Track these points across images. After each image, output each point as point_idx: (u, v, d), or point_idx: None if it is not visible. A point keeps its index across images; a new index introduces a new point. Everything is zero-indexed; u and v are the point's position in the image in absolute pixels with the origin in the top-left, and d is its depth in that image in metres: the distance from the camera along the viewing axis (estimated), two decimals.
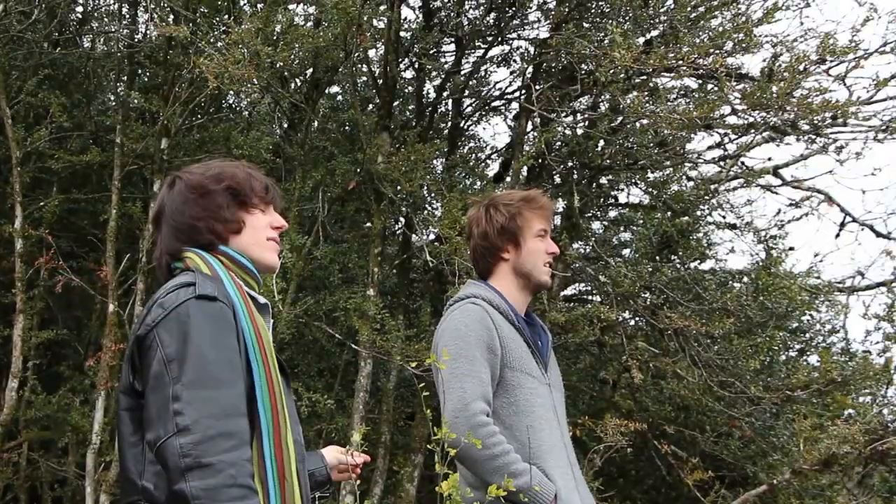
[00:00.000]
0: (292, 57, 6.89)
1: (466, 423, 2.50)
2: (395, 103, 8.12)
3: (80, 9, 8.84)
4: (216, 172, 2.16)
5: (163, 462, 1.80)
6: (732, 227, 7.14)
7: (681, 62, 7.05)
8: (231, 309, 1.94)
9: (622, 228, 8.10)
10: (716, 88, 7.04)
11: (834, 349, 7.39)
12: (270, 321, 2.15)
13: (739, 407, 7.04)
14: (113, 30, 8.62)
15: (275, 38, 6.86)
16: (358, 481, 2.53)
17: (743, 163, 7.65)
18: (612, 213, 7.99)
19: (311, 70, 7.65)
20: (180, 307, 1.89)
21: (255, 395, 1.90)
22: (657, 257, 7.40)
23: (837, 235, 7.61)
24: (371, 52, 7.56)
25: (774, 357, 7.12)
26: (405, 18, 7.87)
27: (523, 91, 7.54)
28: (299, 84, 8.18)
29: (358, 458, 2.44)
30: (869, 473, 6.97)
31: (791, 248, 7.22)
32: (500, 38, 7.79)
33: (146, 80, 8.54)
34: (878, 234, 7.69)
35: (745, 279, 7.32)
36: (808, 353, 7.57)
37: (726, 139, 7.49)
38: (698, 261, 7.57)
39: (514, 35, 7.82)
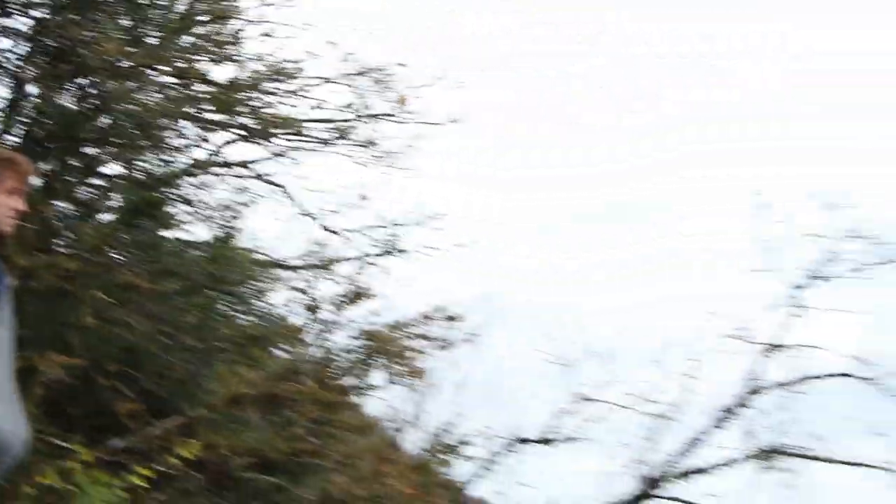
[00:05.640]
0: None
1: None
2: None
3: None
4: None
5: None
6: (190, 203, 8.62)
7: (160, 63, 8.44)
8: None
9: (101, 196, 9.17)
10: (186, 89, 8.50)
11: (261, 312, 9.17)
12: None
13: (177, 353, 8.52)
14: None
15: None
16: None
17: (219, 152, 9.19)
18: (97, 182, 9.01)
19: None
20: None
21: None
22: (131, 223, 8.65)
23: (289, 223, 9.45)
24: None
25: (210, 314, 8.70)
26: None
27: (21, 63, 8.35)
28: None
29: None
30: (276, 412, 8.81)
31: (240, 228, 8.85)
32: (3, 10, 8.49)
33: None
34: (327, 230, 9.66)
35: (202, 249, 8.83)
36: (246, 315, 9.26)
37: (204, 132, 8.97)
38: (166, 229, 8.93)
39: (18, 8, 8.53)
